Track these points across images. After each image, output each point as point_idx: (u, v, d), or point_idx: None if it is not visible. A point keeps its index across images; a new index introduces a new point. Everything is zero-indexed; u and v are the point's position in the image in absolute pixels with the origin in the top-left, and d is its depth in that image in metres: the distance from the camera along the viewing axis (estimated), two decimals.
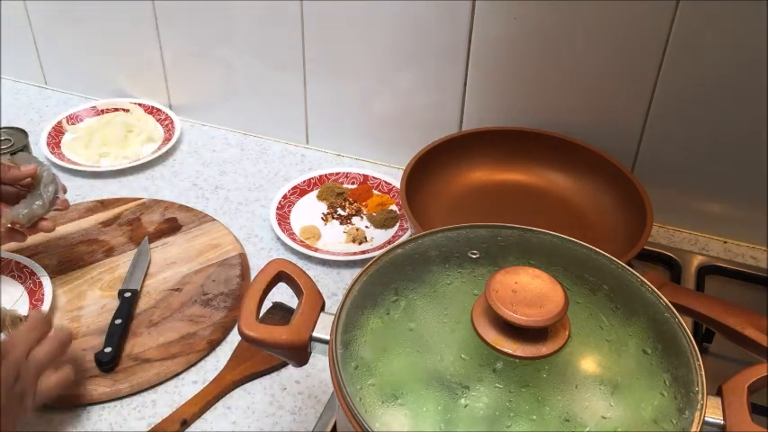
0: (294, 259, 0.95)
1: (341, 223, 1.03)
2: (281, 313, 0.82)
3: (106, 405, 0.77)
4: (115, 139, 1.16)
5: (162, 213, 1.02)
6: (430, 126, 1.05)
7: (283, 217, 1.02)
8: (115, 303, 0.87)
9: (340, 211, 1.05)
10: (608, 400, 0.50)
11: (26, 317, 0.83)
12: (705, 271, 0.94)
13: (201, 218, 1.02)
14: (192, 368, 0.81)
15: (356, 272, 0.60)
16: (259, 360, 0.80)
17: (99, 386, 0.77)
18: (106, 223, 1.00)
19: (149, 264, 0.93)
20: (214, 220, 1.01)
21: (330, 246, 0.98)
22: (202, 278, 0.91)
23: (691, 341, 0.54)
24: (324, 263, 0.96)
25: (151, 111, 1.23)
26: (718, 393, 0.53)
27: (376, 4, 1.00)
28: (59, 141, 1.17)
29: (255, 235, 1.01)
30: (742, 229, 0.99)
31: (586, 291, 0.57)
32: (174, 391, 0.79)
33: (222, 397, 0.78)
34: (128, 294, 0.87)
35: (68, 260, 0.94)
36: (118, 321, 0.83)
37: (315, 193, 1.08)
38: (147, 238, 0.97)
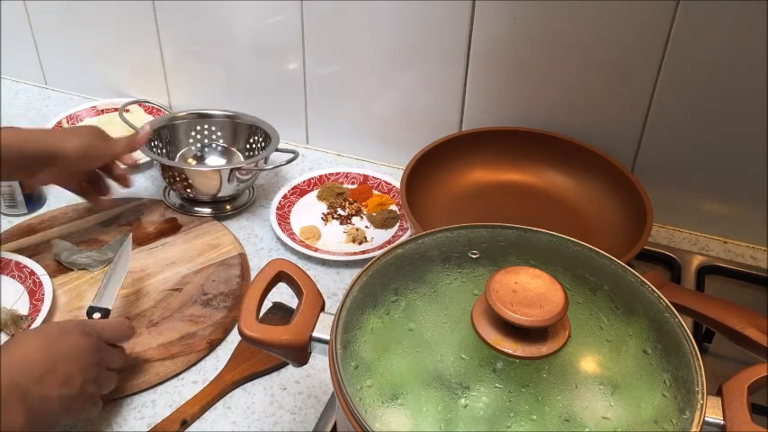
0: (294, 259, 0.95)
1: (341, 223, 1.03)
2: (280, 313, 0.82)
3: (106, 405, 0.77)
4: None
5: (162, 213, 1.02)
6: (430, 126, 1.05)
7: (283, 217, 1.02)
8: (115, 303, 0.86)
9: (340, 211, 1.05)
10: (608, 400, 0.50)
11: (26, 316, 0.83)
12: (705, 271, 0.95)
13: (201, 218, 1.02)
14: (192, 368, 0.81)
15: (356, 272, 0.59)
16: (259, 360, 0.80)
17: None
18: (106, 223, 1.00)
19: (127, 274, 0.83)
20: (214, 220, 1.01)
21: (330, 246, 0.98)
22: (202, 278, 0.91)
23: (691, 341, 0.54)
24: (324, 263, 0.96)
25: (151, 111, 1.23)
26: (718, 393, 0.53)
27: (376, 4, 1.00)
28: None
29: (255, 235, 1.01)
30: (742, 229, 0.99)
31: (586, 291, 0.57)
32: (174, 391, 0.79)
33: (222, 397, 0.78)
34: (97, 315, 0.76)
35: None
36: None
37: (315, 193, 1.08)
38: (130, 236, 0.87)
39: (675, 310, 0.57)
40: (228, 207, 1.04)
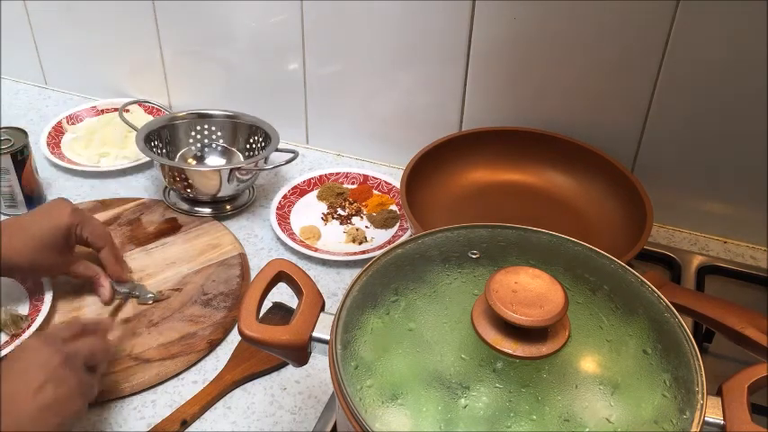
0: (294, 259, 0.95)
1: (341, 223, 1.03)
2: (281, 313, 0.82)
3: (106, 405, 0.77)
4: (115, 139, 1.16)
5: (162, 213, 1.02)
6: (430, 126, 1.05)
7: (283, 217, 1.02)
8: (115, 304, 0.87)
9: (340, 211, 1.05)
10: (608, 400, 0.50)
11: (26, 316, 0.83)
12: (705, 271, 0.95)
13: (201, 218, 1.02)
14: (192, 368, 0.81)
15: (356, 272, 0.60)
16: (259, 360, 0.80)
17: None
18: (106, 223, 1.00)
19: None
20: (214, 219, 1.01)
21: (330, 246, 0.98)
22: (202, 278, 0.91)
23: (691, 341, 0.54)
24: (324, 263, 0.96)
25: (151, 111, 1.23)
26: (718, 393, 0.53)
27: (376, 4, 1.00)
28: (59, 141, 1.17)
29: (255, 235, 1.01)
30: (742, 229, 0.99)
31: (586, 291, 0.57)
32: (174, 391, 0.79)
33: (222, 397, 0.78)
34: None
35: None
36: None
37: (315, 193, 1.08)
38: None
39: (675, 310, 0.57)
40: (228, 207, 1.04)
